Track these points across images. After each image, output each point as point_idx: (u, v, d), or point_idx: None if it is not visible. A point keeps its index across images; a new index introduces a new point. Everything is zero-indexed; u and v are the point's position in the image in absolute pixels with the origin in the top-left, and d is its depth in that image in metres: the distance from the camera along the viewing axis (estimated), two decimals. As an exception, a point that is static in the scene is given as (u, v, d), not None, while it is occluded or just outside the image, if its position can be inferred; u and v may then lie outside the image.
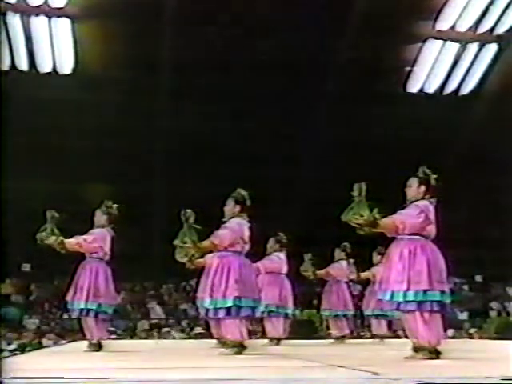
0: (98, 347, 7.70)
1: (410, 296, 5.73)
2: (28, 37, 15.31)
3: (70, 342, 12.62)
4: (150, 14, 14.85)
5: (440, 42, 16.59)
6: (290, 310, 9.56)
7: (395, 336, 11.79)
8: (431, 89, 17.47)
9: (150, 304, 17.81)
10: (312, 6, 14.67)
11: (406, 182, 6.07)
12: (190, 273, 9.12)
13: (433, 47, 16.68)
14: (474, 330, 16.21)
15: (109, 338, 8.72)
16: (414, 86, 17.37)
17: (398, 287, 5.77)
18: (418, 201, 5.93)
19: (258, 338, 10.46)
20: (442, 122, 17.27)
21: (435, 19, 15.90)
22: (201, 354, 7.50)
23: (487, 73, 17.17)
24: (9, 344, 12.64)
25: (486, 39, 16.59)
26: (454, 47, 16.74)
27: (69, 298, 7.75)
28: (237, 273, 6.71)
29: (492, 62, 17.00)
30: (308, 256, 10.20)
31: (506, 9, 15.68)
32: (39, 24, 15.20)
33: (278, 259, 9.43)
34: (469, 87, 17.48)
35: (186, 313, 17.30)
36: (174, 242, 6.96)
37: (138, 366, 5.74)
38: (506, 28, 16.15)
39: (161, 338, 15.03)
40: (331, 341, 10.81)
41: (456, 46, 16.69)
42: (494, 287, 19.69)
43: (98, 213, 7.91)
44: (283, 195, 17.78)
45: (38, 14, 15.05)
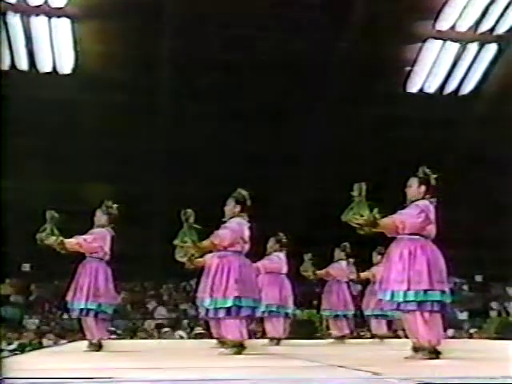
0: (97, 347, 7.71)
1: (410, 296, 5.74)
2: (28, 37, 15.31)
3: (70, 342, 12.61)
4: (150, 13, 14.85)
5: (440, 42, 16.57)
6: (290, 310, 9.56)
7: (395, 336, 11.80)
8: (431, 89, 17.46)
9: (149, 304, 17.81)
10: (312, 6, 14.68)
11: (406, 182, 6.07)
12: (190, 273, 9.13)
13: (433, 47, 16.66)
14: (474, 329, 16.22)
15: (109, 338, 8.71)
16: (413, 85, 17.35)
17: (398, 287, 5.78)
18: (418, 201, 5.94)
19: (257, 338, 10.46)
20: (442, 122, 17.27)
21: (435, 19, 15.89)
22: (201, 354, 7.51)
23: (487, 73, 17.16)
24: (9, 344, 12.64)
25: (486, 39, 16.57)
26: (453, 47, 16.72)
27: (69, 297, 7.76)
28: (237, 273, 6.72)
29: (492, 62, 16.98)
30: (308, 256, 10.21)
31: (506, 9, 15.67)
32: (39, 24, 15.19)
33: (277, 259, 9.43)
34: (469, 87, 17.47)
35: (185, 313, 17.30)
36: (174, 242, 6.97)
37: (138, 366, 5.74)
38: (506, 28, 16.14)
39: (166, 338, 15.00)
40: (331, 341, 10.81)
41: (456, 46, 16.68)
42: (493, 287, 19.69)
43: (98, 213, 7.92)
44: (283, 195, 17.78)
45: (38, 14, 15.04)
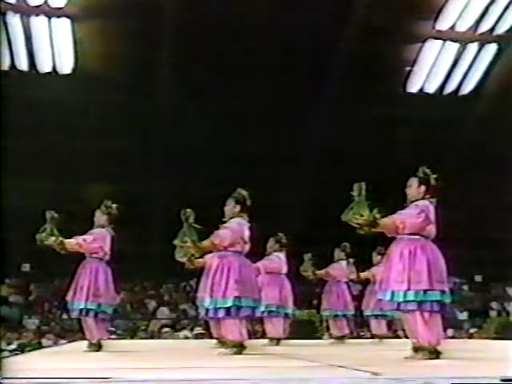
0: (97, 347, 7.70)
1: (410, 296, 5.73)
2: (28, 37, 15.31)
3: (69, 342, 12.60)
4: (150, 14, 14.86)
5: (440, 42, 16.58)
6: (289, 310, 9.55)
7: (395, 336, 11.79)
8: (431, 89, 17.47)
9: (149, 304, 17.80)
10: (312, 6, 14.68)
11: (406, 182, 6.07)
12: (190, 273, 9.13)
13: (433, 47, 16.67)
14: (473, 329, 16.21)
15: (109, 338, 8.71)
16: (414, 85, 17.36)
17: (398, 287, 5.77)
18: (418, 201, 5.94)
19: (257, 338, 10.45)
20: (442, 122, 17.27)
21: (435, 19, 15.89)
22: (201, 354, 7.50)
23: (487, 73, 17.16)
24: (9, 344, 12.63)
25: (486, 39, 16.58)
26: (453, 47, 16.73)
27: (69, 297, 7.76)
28: (237, 273, 6.71)
29: (492, 62, 16.99)
30: (308, 256, 10.20)
31: (506, 9, 15.68)
32: (39, 24, 15.19)
33: (277, 259, 9.43)
34: (469, 87, 17.47)
35: (185, 313, 17.29)
36: (174, 242, 6.97)
37: (138, 366, 5.74)
38: (506, 28, 16.14)
39: (166, 338, 14.99)
40: (331, 341, 10.81)
41: (456, 46, 16.69)
42: (493, 287, 19.69)
43: (97, 213, 7.91)
44: (283, 195, 17.77)
45: (37, 14, 15.04)
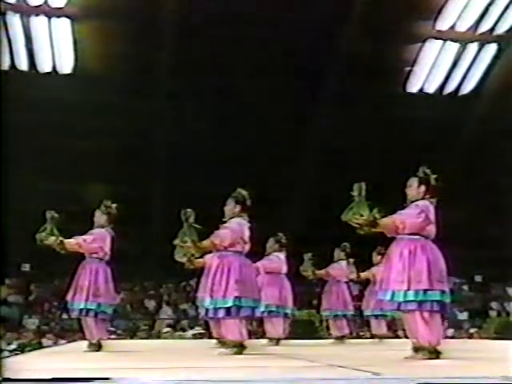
0: (97, 347, 7.70)
1: (410, 296, 5.73)
2: (28, 37, 15.31)
3: (69, 342, 12.60)
4: (150, 14, 14.85)
5: (440, 42, 16.58)
6: (289, 310, 9.55)
7: (395, 336, 11.79)
8: (431, 89, 17.47)
9: (148, 304, 17.80)
10: (312, 6, 14.68)
11: (406, 182, 6.07)
12: (190, 273, 9.13)
13: (433, 47, 16.67)
14: (473, 329, 16.21)
15: (109, 338, 8.71)
16: (414, 85, 17.36)
17: (398, 287, 5.77)
18: (418, 201, 5.94)
19: (257, 338, 10.45)
20: (442, 122, 17.27)
21: (435, 19, 15.89)
22: (201, 354, 7.50)
23: (487, 73, 17.16)
24: (9, 344, 12.62)
25: (485, 39, 16.58)
26: (453, 47, 16.73)
27: (69, 297, 7.76)
28: (237, 273, 6.71)
29: (492, 62, 16.99)
30: (308, 256, 10.20)
31: (506, 9, 15.68)
32: (39, 24, 15.20)
33: (277, 259, 9.42)
34: (469, 87, 17.47)
35: (186, 313, 17.29)
36: (174, 242, 6.97)
37: (138, 366, 5.74)
38: (506, 28, 16.14)
39: (166, 337, 14.98)
40: (331, 341, 10.80)
41: (456, 46, 16.69)
42: (493, 287, 19.68)
43: (97, 213, 7.91)
44: (283, 195, 17.78)
45: (37, 14, 15.05)
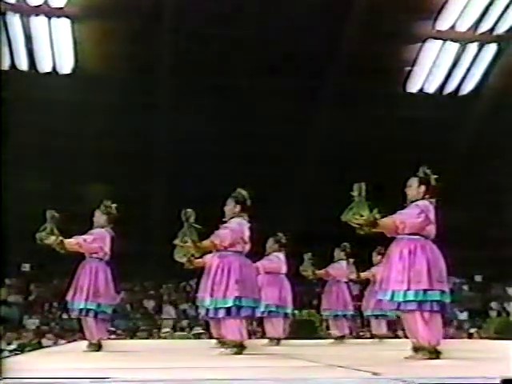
0: (97, 347, 7.70)
1: (410, 296, 5.73)
2: (28, 37, 15.32)
3: (69, 342, 12.61)
4: (150, 14, 14.85)
5: (440, 42, 16.58)
6: (289, 310, 9.54)
7: (395, 336, 11.79)
8: (431, 89, 17.47)
9: (147, 304, 17.80)
10: (312, 6, 14.68)
11: (406, 182, 6.07)
12: (190, 273, 9.13)
13: (433, 47, 16.67)
14: (473, 329, 16.21)
15: (109, 338, 8.71)
16: (414, 85, 17.37)
17: (398, 287, 5.77)
18: (418, 201, 5.93)
19: (257, 338, 10.45)
20: (442, 122, 17.27)
21: (435, 19, 15.89)
22: (201, 354, 7.50)
23: (487, 73, 17.16)
24: (9, 344, 12.63)
25: (485, 39, 16.58)
26: (453, 47, 16.73)
27: (69, 297, 7.76)
28: (237, 273, 6.71)
29: (492, 62, 16.99)
30: (308, 256, 10.19)
31: (506, 9, 15.68)
32: (39, 24, 15.20)
33: (277, 259, 9.42)
34: (469, 87, 17.48)
35: (186, 313, 17.30)
36: (174, 242, 6.97)
37: (138, 366, 5.74)
38: (506, 28, 16.14)
39: (166, 337, 14.97)
40: (331, 341, 10.80)
41: (456, 46, 16.69)
42: (493, 287, 19.69)
43: (97, 213, 7.90)
44: (283, 195, 17.78)
45: (37, 14, 15.05)
